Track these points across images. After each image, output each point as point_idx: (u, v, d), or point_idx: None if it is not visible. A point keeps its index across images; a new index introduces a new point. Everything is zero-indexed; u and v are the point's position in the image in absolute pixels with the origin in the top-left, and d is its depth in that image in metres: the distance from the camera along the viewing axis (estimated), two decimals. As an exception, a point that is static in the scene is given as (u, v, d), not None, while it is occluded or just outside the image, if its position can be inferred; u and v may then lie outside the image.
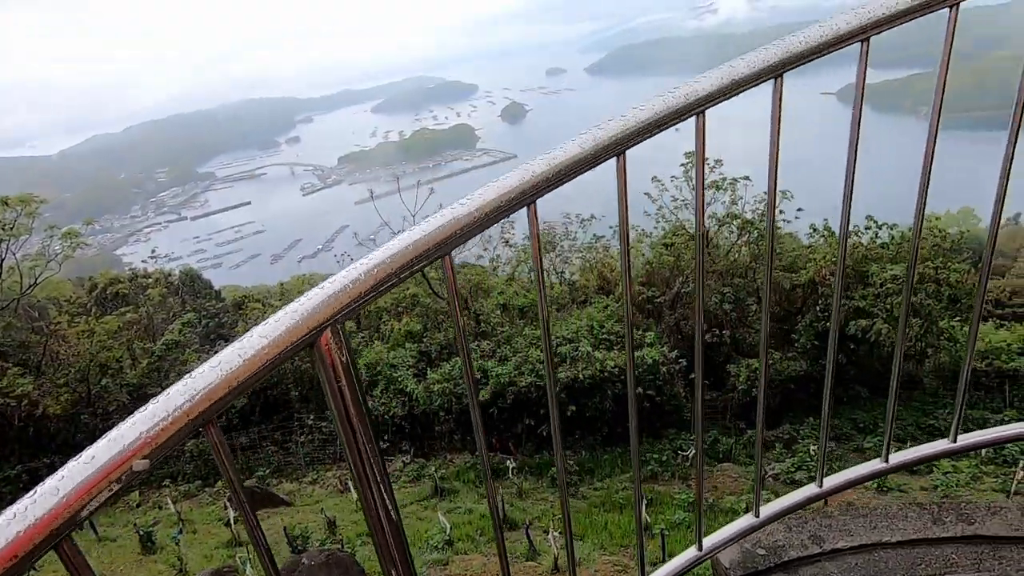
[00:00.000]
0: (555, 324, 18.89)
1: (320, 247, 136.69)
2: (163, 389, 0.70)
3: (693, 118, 1.01)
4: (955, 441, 1.44)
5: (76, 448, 0.68)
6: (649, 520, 11.73)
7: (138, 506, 14.96)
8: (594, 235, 25.37)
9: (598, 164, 0.96)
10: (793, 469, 14.44)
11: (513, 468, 14.06)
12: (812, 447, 15.59)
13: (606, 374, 15.73)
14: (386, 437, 15.83)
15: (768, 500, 1.47)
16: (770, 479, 14.28)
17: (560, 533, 10.42)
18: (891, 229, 19.23)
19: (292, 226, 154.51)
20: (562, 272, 23.67)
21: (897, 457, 1.46)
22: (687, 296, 20.49)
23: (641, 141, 0.98)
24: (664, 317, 20.79)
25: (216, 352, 0.76)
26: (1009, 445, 15.44)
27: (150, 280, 27.89)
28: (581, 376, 15.56)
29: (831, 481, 1.48)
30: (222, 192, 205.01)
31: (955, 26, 1.06)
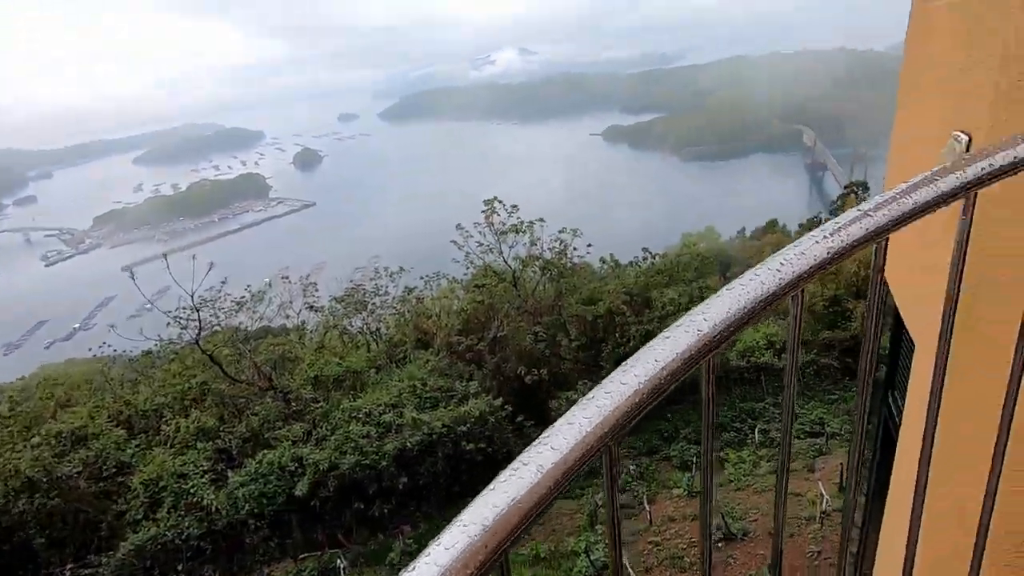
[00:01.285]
0: (375, 389, 17.75)
1: (77, 326, 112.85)
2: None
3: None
4: None
5: None
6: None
7: None
8: (406, 287, 24.82)
9: None
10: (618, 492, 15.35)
11: (344, 567, 12.52)
12: (631, 466, 16.83)
13: (435, 436, 15.10)
14: (179, 567, 12.93)
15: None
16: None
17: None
18: (663, 257, 22.24)
19: (33, 305, 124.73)
20: (376, 330, 22.56)
21: None
22: (504, 339, 20.98)
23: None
24: (485, 362, 20.96)
25: None
26: (774, 432, 18.48)
27: None
28: (409, 444, 14.69)
29: None
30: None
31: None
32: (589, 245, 24.25)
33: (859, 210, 0.80)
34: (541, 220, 23.74)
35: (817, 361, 21.72)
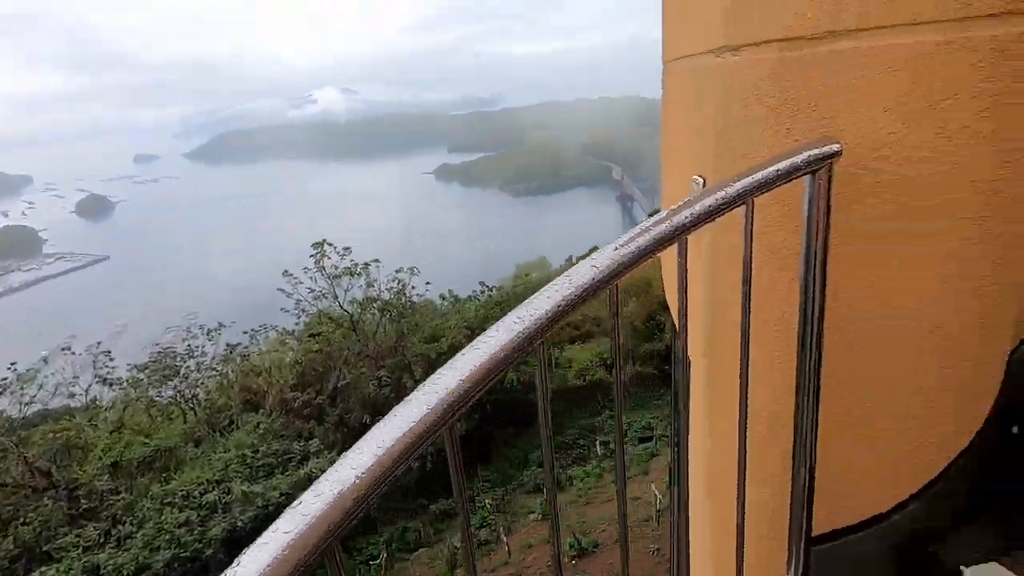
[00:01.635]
0: (195, 466, 15.48)
1: None
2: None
3: None
4: None
5: None
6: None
7: None
8: (227, 344, 22.31)
9: None
10: (476, 529, 15.19)
11: None
12: (488, 500, 16.81)
13: (272, 507, 13.55)
14: None
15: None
16: (458, 548, 14.63)
17: None
18: (499, 289, 23.11)
19: None
20: (193, 397, 19.81)
21: None
22: (346, 388, 19.83)
23: None
24: (326, 416, 19.56)
25: None
26: (613, 443, 19.88)
27: None
28: (240, 522, 12.99)
29: None
30: None
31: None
32: (428, 283, 24.25)
33: (588, 262, 0.85)
34: (376, 261, 23.20)
35: (641, 372, 24.04)
